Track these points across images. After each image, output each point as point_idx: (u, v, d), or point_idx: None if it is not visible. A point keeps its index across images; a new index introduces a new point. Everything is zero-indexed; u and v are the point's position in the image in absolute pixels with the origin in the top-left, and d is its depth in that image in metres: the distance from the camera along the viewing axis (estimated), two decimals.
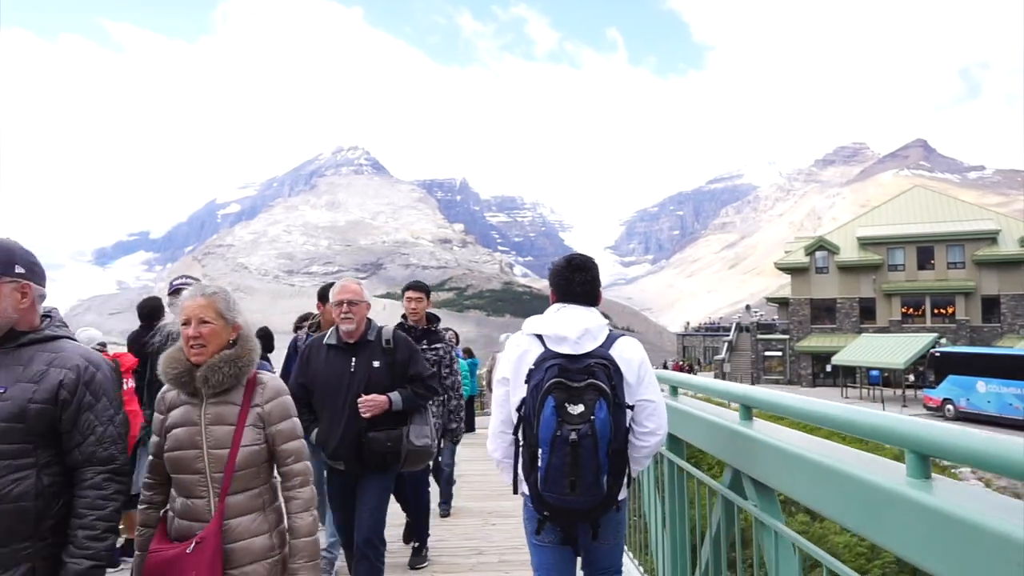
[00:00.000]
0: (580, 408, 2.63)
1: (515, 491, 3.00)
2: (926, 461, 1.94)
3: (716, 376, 60.01)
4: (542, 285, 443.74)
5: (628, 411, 2.85)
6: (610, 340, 2.93)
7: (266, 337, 7.98)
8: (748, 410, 3.22)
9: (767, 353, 57.71)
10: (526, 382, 2.82)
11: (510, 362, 2.99)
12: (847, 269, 53.66)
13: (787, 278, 57.78)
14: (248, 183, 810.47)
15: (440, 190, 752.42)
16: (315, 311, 7.03)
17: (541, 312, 2.75)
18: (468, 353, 17.17)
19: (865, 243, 53.81)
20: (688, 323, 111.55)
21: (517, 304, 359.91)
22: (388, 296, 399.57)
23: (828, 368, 51.14)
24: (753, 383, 55.34)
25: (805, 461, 2.44)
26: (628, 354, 2.94)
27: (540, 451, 2.66)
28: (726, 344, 65.47)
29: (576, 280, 3.09)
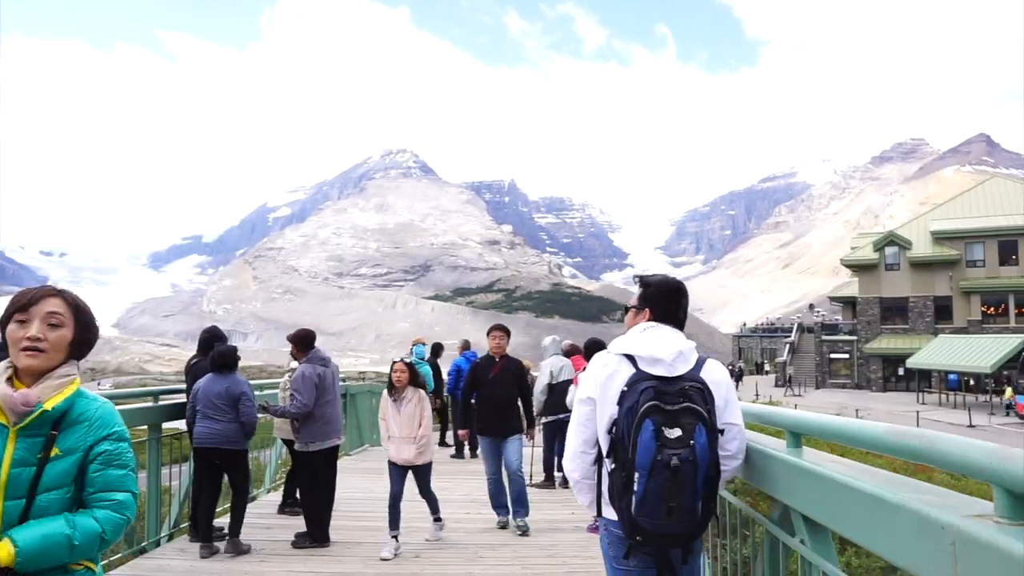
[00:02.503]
0: (677, 432, 2.59)
1: (598, 513, 2.95)
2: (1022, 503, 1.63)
3: (778, 379, 57.14)
4: (591, 286, 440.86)
5: (720, 435, 2.82)
6: (699, 363, 2.89)
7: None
8: (797, 437, 3.03)
9: (833, 355, 54.65)
10: (618, 404, 2.75)
11: (597, 382, 2.90)
12: (920, 265, 50.32)
13: (844, 277, 54.77)
14: (298, 187, 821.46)
15: (488, 192, 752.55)
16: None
17: (592, 313, 3.04)
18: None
19: (940, 237, 50.43)
20: (744, 324, 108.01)
21: (566, 306, 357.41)
22: (436, 298, 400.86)
23: (900, 372, 48.03)
24: (818, 387, 52.57)
25: (863, 495, 2.20)
26: (717, 376, 2.91)
27: (637, 475, 2.60)
28: (787, 346, 62.55)
29: (682, 305, 3.11)
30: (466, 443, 13.03)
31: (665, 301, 3.08)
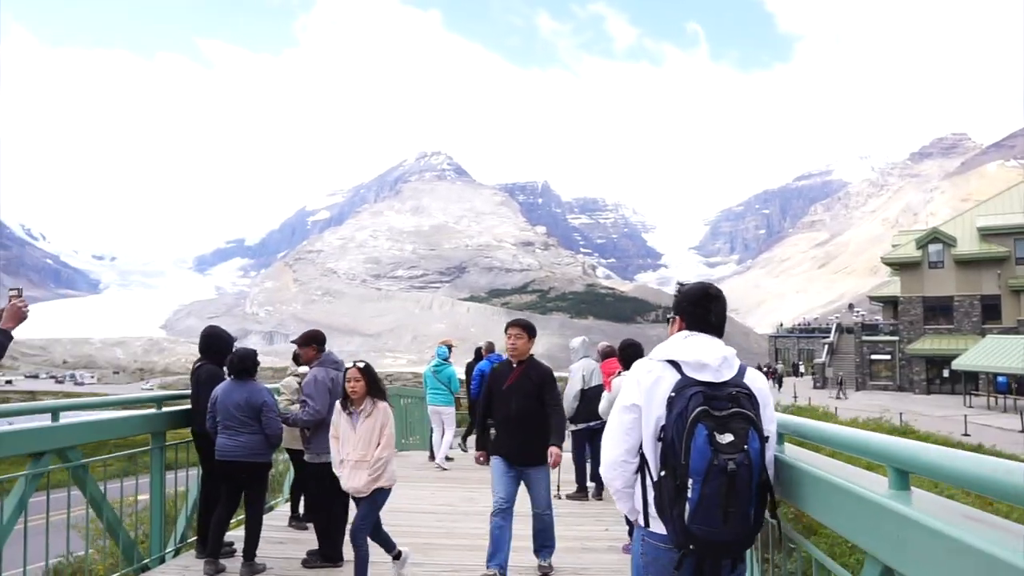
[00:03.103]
0: (729, 437, 2.55)
1: (645, 524, 2.86)
2: None
3: (816, 381, 55.96)
4: (625, 287, 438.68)
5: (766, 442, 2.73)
6: (742, 370, 2.86)
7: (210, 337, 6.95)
8: (904, 476, 2.38)
9: (873, 356, 53.36)
10: (667, 409, 2.71)
11: (642, 388, 2.85)
12: (966, 263, 48.89)
13: (883, 277, 53.50)
14: (336, 190, 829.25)
15: (522, 193, 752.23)
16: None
17: (626, 314, 2.95)
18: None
19: (987, 234, 48.98)
20: (781, 324, 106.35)
21: (600, 306, 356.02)
22: (471, 300, 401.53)
23: (945, 373, 46.67)
24: (858, 389, 51.29)
25: (1003, 565, 1.65)
26: (760, 384, 2.87)
27: (691, 481, 2.55)
28: (826, 347, 61.24)
29: (713, 310, 3.03)
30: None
31: (694, 308, 3.03)
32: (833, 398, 43.77)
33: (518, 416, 5.99)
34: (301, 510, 7.76)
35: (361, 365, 5.76)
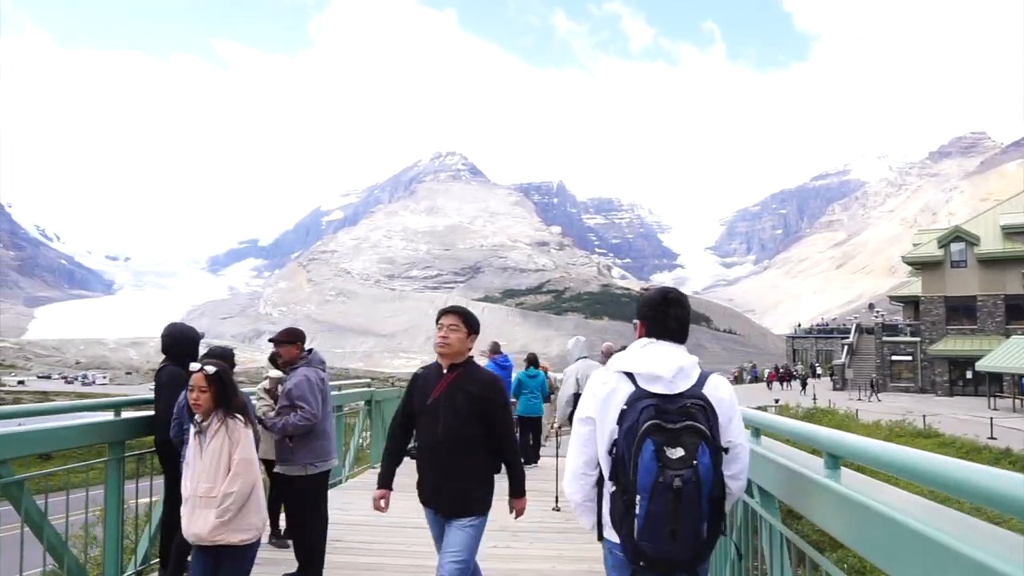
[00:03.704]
0: (680, 452, 2.51)
1: (599, 537, 2.86)
2: None
3: (836, 383, 54.98)
4: (640, 287, 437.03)
5: (723, 454, 2.72)
6: (702, 379, 2.79)
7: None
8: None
9: (894, 357, 52.26)
10: (618, 423, 2.68)
11: (596, 400, 2.82)
12: (990, 262, 47.72)
13: (901, 277, 52.57)
14: (350, 191, 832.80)
15: (537, 193, 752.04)
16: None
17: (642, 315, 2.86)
18: (531, 362, 13.17)
19: (1011, 232, 47.81)
20: (799, 324, 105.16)
21: (615, 306, 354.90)
22: (486, 300, 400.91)
23: (969, 375, 45.56)
24: (878, 391, 50.26)
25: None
26: (721, 392, 2.81)
27: (638, 498, 2.53)
28: (845, 347, 60.18)
29: (672, 315, 2.95)
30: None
31: (653, 313, 2.96)
32: (855, 400, 42.82)
33: (446, 444, 4.00)
34: (282, 524, 7.05)
35: (210, 370, 4.26)
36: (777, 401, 38.18)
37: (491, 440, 4.07)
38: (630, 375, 2.76)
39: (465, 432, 3.97)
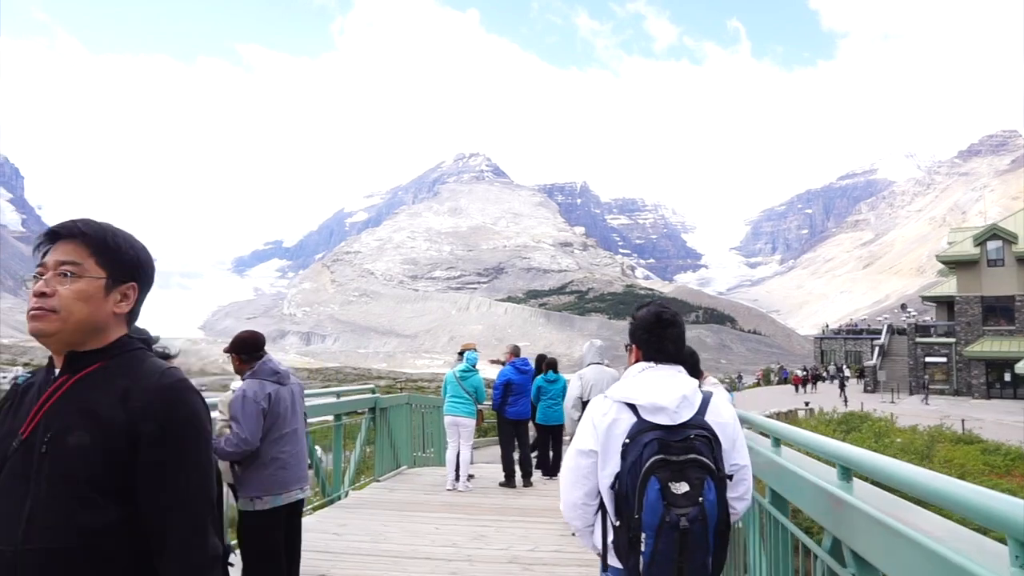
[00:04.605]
0: (684, 487, 2.45)
1: (604, 567, 2.74)
2: None
3: (867, 385, 53.54)
4: (665, 288, 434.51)
5: (728, 480, 2.67)
6: (704, 404, 2.69)
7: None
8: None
9: (928, 359, 50.75)
10: (621, 457, 2.59)
11: (597, 432, 2.69)
12: None
13: (930, 276, 51.22)
14: (374, 192, 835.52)
15: (560, 194, 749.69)
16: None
17: None
18: (551, 367, 12.02)
19: None
20: (827, 325, 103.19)
21: None
22: (509, 300, 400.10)
23: (1007, 377, 44.04)
24: (911, 393, 48.85)
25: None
26: (723, 417, 2.74)
27: (644, 536, 2.46)
28: (876, 348, 58.65)
29: (668, 337, 2.84)
30: (518, 468, 10.84)
31: (648, 336, 2.85)
32: (887, 403, 41.42)
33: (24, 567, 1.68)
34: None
35: None
36: (807, 404, 36.93)
37: (143, 541, 1.79)
38: (631, 406, 2.67)
39: (79, 525, 1.72)
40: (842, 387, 46.46)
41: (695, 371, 4.13)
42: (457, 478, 10.43)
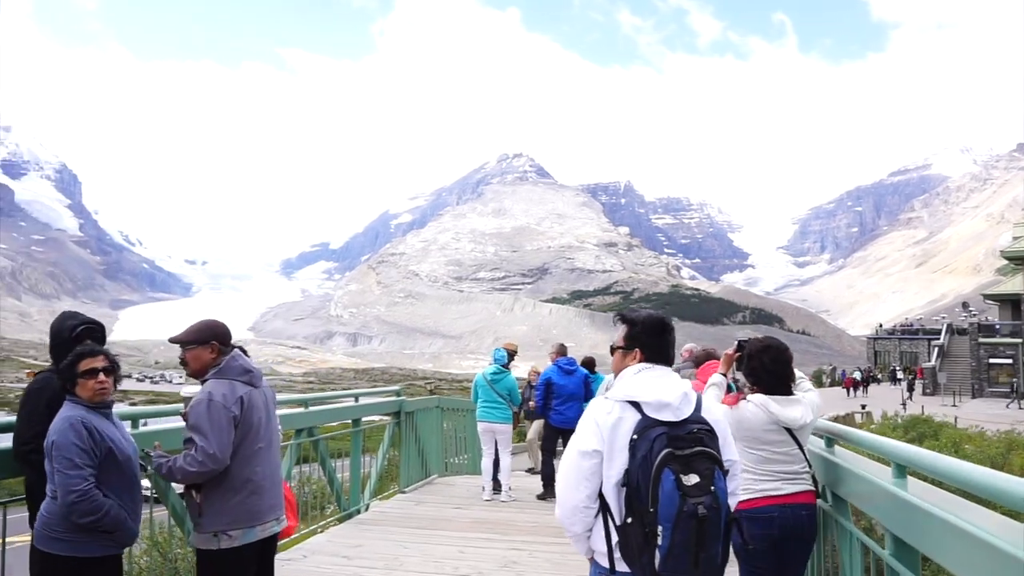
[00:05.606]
0: (695, 478, 2.52)
1: (611, 567, 2.71)
2: None
3: (926, 387, 51.39)
4: (711, 288, 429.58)
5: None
6: (699, 403, 2.79)
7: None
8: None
9: (992, 360, 48.51)
10: (630, 454, 2.63)
11: (601, 431, 2.71)
12: None
13: (988, 275, 48.97)
14: (418, 194, 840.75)
15: (604, 194, 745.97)
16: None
17: (711, 315, 2.83)
18: (589, 365, 11.11)
19: None
20: (880, 325, 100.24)
21: (685, 307, 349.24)
22: (553, 301, 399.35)
23: None
24: (974, 396, 46.75)
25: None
26: (715, 414, 2.84)
27: (660, 528, 2.50)
28: (936, 349, 56.32)
29: (671, 342, 2.97)
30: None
31: (653, 340, 2.93)
32: (949, 406, 39.49)
33: None
34: None
35: None
36: (864, 407, 35.28)
37: None
38: (635, 404, 2.72)
39: None
40: (910, 388, 44.42)
41: (789, 375, 4.08)
42: (496, 488, 9.56)
